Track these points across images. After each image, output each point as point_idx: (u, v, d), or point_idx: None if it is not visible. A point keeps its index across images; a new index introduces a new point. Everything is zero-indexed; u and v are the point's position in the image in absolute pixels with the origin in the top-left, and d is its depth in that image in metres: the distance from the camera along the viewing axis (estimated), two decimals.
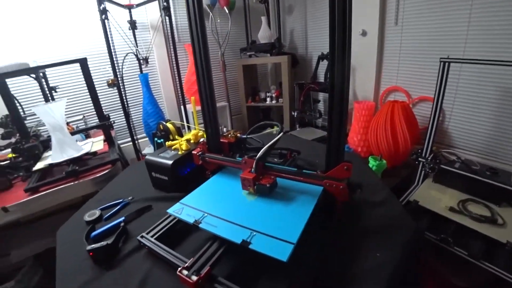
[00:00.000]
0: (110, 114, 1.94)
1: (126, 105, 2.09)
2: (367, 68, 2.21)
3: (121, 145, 2.33)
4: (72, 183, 1.29)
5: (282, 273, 0.60)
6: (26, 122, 1.67)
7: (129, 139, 2.32)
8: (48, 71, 2.01)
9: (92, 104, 1.56)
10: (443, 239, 1.19)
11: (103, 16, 1.86)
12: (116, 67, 2.01)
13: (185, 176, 1.01)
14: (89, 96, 1.46)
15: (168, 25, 2.10)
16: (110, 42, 1.92)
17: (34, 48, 2.06)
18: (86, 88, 1.50)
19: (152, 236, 0.72)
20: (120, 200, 0.99)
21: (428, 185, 1.55)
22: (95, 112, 1.61)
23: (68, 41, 2.15)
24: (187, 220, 0.69)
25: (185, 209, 0.74)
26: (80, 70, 1.45)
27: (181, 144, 1.05)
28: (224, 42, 2.52)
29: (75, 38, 2.17)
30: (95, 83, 1.54)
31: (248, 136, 1.07)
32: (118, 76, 2.00)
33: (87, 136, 1.98)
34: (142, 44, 2.37)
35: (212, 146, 0.94)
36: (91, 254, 0.71)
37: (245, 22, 2.81)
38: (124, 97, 2.06)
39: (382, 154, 1.67)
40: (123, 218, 0.86)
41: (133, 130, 2.17)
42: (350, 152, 1.96)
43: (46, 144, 1.62)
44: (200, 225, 0.67)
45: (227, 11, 2.46)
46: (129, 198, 1.00)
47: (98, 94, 1.58)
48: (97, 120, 1.62)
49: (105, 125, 1.65)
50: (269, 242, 0.58)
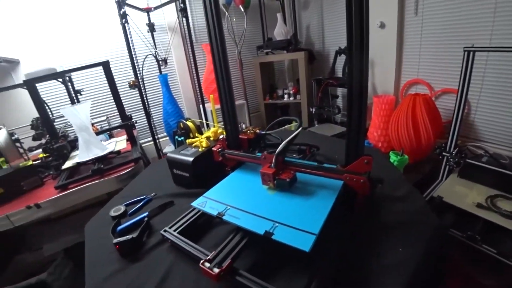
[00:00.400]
0: (132, 114, 2.01)
1: (147, 105, 2.15)
2: (387, 61, 2.15)
3: (143, 144, 2.41)
4: (98, 181, 1.35)
5: (302, 266, 0.61)
6: (55, 124, 1.75)
7: (150, 139, 2.39)
8: (73, 75, 2.10)
9: (115, 105, 1.62)
10: (470, 237, 1.15)
11: (123, 20, 1.91)
12: (137, 69, 2.08)
13: (205, 173, 1.02)
14: (112, 98, 1.53)
15: (186, 26, 2.13)
16: (131, 45, 1.98)
17: (60, 54, 2.17)
18: (109, 90, 1.56)
19: (175, 230, 0.74)
20: (143, 197, 1.02)
21: (453, 181, 1.50)
22: (118, 113, 1.66)
23: (91, 46, 2.26)
24: (211, 213, 0.71)
25: (209, 202, 0.76)
26: (102, 73, 1.51)
27: (201, 142, 1.07)
28: (241, 41, 2.53)
29: (97, 43, 2.27)
30: (117, 84, 1.59)
31: (267, 132, 1.07)
32: (139, 78, 2.06)
33: (111, 136, 2.05)
34: (161, 46, 2.43)
35: (232, 143, 0.95)
36: (118, 247, 0.74)
37: (261, 20, 2.81)
38: (145, 98, 2.12)
39: (404, 149, 1.63)
40: (147, 213, 0.88)
41: (154, 130, 2.23)
42: (370, 147, 1.93)
43: (73, 144, 1.70)
44: (224, 217, 0.68)
45: (243, 10, 2.47)
46: (152, 194, 1.03)
47: (121, 95, 1.63)
48: (120, 121, 1.68)
49: (128, 125, 1.70)
50: (291, 233, 0.59)
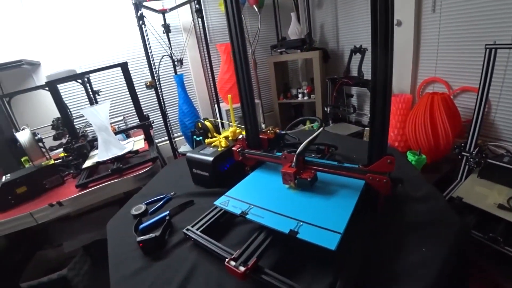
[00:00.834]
0: (149, 114, 2.04)
1: (163, 106, 2.19)
2: (403, 60, 2.12)
3: (158, 144, 2.45)
4: (117, 180, 1.38)
5: (326, 265, 0.61)
6: (75, 124, 1.80)
7: (165, 138, 2.44)
8: (91, 76, 2.16)
9: (133, 105, 1.65)
10: (492, 238, 1.13)
11: (141, 22, 1.95)
12: (153, 69, 2.11)
13: (225, 172, 1.04)
14: (128, 98, 1.57)
15: (201, 27, 2.16)
16: (148, 46, 2.02)
17: (78, 55, 2.23)
18: (126, 91, 1.60)
19: (198, 229, 0.75)
20: (163, 196, 1.03)
21: (473, 181, 1.47)
22: (136, 113, 1.70)
23: (107, 47, 2.31)
24: (234, 211, 0.72)
25: (231, 201, 0.77)
26: (119, 74, 1.55)
27: (221, 141, 1.09)
28: (255, 40, 2.55)
29: (113, 44, 2.32)
30: (134, 85, 1.62)
31: (287, 132, 1.08)
32: (156, 78, 2.10)
33: (128, 136, 2.10)
34: (176, 46, 2.47)
35: (252, 142, 0.97)
36: (141, 245, 0.76)
37: (275, 19, 2.81)
38: (161, 98, 2.16)
39: (421, 149, 1.61)
40: (168, 212, 0.90)
41: (170, 130, 2.27)
42: (391, 147, 1.91)
43: (92, 144, 1.75)
44: (247, 216, 0.69)
45: (256, 9, 2.48)
46: (171, 194, 1.05)
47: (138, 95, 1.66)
48: (136, 121, 1.71)
49: (145, 125, 1.74)
50: (316, 232, 0.59)
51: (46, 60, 2.14)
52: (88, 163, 1.54)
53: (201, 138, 1.36)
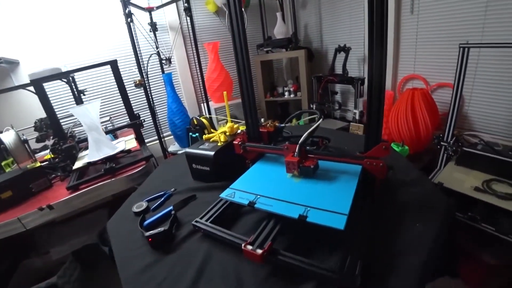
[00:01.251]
0: (139, 113, 2.03)
1: (153, 104, 2.18)
2: None
3: (148, 144, 2.42)
4: (110, 180, 1.36)
5: (334, 246, 0.66)
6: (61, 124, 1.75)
7: (154, 138, 2.42)
8: (76, 75, 2.10)
9: (120, 104, 1.63)
10: (471, 217, 1.24)
11: (129, 20, 1.94)
12: (142, 68, 2.10)
13: (225, 166, 1.06)
14: (114, 98, 1.55)
15: (190, 26, 2.17)
16: (136, 44, 2.01)
17: (60, 54, 2.16)
18: (111, 90, 1.57)
19: (207, 220, 0.78)
20: (164, 192, 1.05)
21: (451, 168, 1.59)
22: (126, 112, 1.68)
23: (91, 45, 2.25)
24: (242, 202, 0.74)
25: (237, 193, 0.79)
26: (105, 73, 1.52)
27: (220, 136, 1.12)
28: None
29: (97, 42, 2.27)
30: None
31: (285, 125, 1.13)
32: (144, 77, 2.09)
33: (115, 137, 2.05)
34: (163, 45, 2.47)
35: (252, 136, 1.01)
36: (150, 240, 0.76)
37: (261, 19, 2.86)
38: (150, 97, 2.15)
39: (404, 141, 1.72)
40: (171, 207, 0.91)
41: (160, 129, 2.26)
42: None
43: (80, 145, 1.71)
44: (256, 205, 0.72)
45: (243, 9, 2.52)
46: (172, 190, 1.06)
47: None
48: (123, 121, 1.68)
49: (136, 124, 1.73)
50: (324, 215, 0.64)
51: (26, 59, 2.06)
52: (79, 164, 1.51)
53: (198, 135, 1.39)
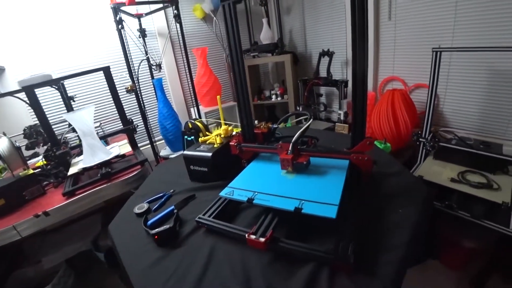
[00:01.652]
0: (132, 119, 2.05)
1: (144, 109, 2.22)
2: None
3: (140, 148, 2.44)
4: (105, 185, 1.38)
5: (327, 233, 0.73)
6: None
7: (146, 143, 2.44)
8: (66, 81, 2.09)
9: (111, 110, 1.65)
10: (448, 205, 1.36)
11: (120, 26, 1.97)
12: (133, 74, 2.14)
13: (222, 166, 1.12)
14: (104, 104, 1.57)
15: (179, 32, 2.22)
16: (127, 50, 2.04)
17: (47, 60, 2.14)
18: (101, 96, 1.59)
19: (209, 217, 0.84)
20: (163, 193, 1.09)
21: (430, 162, 1.72)
22: (119, 117, 1.71)
23: (80, 52, 2.26)
24: (241, 199, 0.81)
25: (236, 191, 0.85)
26: (95, 79, 1.53)
27: (216, 138, 1.18)
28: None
29: (86, 48, 2.28)
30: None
31: (277, 127, 1.20)
32: (135, 82, 2.12)
33: (106, 143, 2.06)
34: (152, 51, 2.50)
35: (247, 137, 1.08)
36: (156, 237, 0.80)
37: (247, 25, 2.94)
38: (142, 102, 2.18)
39: (386, 139, 1.83)
40: (173, 207, 0.96)
41: (151, 133, 2.30)
42: None
43: (72, 151, 1.72)
44: (254, 201, 0.78)
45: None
46: (171, 191, 1.10)
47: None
48: (113, 127, 1.70)
49: (129, 129, 1.76)
50: (317, 206, 0.71)
51: (12, 65, 2.03)
52: (74, 170, 1.52)
53: (193, 138, 1.44)
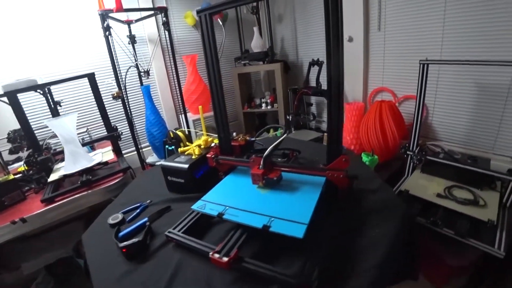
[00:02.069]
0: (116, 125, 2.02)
1: (131, 116, 2.18)
2: (355, 72, 2.36)
3: (125, 155, 2.41)
4: (86, 192, 1.36)
5: (297, 253, 0.70)
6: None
7: (132, 149, 2.41)
8: (52, 86, 2.07)
9: (98, 116, 1.63)
10: (433, 222, 1.32)
11: (107, 33, 1.95)
12: (120, 80, 2.11)
13: (199, 178, 1.10)
14: (91, 109, 1.54)
15: (168, 39, 2.21)
16: (114, 57, 2.02)
17: (36, 64, 2.13)
18: (88, 101, 1.57)
19: (179, 231, 0.81)
20: (139, 204, 1.06)
21: (417, 176, 1.70)
22: (104, 124, 1.68)
23: (69, 57, 2.24)
24: (211, 213, 0.78)
25: (208, 205, 0.83)
26: (82, 84, 1.52)
27: (194, 149, 1.15)
28: (219, 52, 2.65)
29: (76, 54, 2.26)
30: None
31: (256, 139, 1.17)
32: (122, 89, 2.10)
33: (92, 148, 2.04)
34: (142, 57, 2.48)
35: (224, 149, 1.05)
36: (124, 251, 0.78)
37: (238, 33, 2.94)
38: (128, 109, 2.15)
39: (374, 150, 1.81)
40: (146, 219, 0.93)
41: (138, 140, 2.26)
42: (344, 150, 2.09)
43: (55, 157, 1.69)
44: (224, 216, 0.76)
45: (221, 23, 2.60)
46: (148, 202, 1.08)
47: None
48: (101, 132, 1.68)
49: (114, 136, 1.73)
50: (286, 225, 0.68)
51: (0, 69, 2.01)
52: (55, 176, 1.48)
53: (174, 147, 1.41)
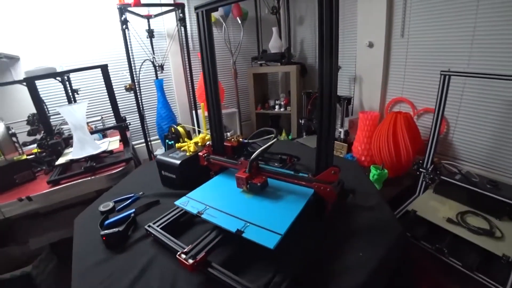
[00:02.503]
0: (126, 116, 2.06)
1: (142, 109, 2.21)
2: (374, 79, 2.25)
3: (135, 146, 2.45)
4: (89, 178, 1.40)
5: (270, 263, 0.67)
6: (51, 121, 1.79)
7: (142, 140, 2.44)
8: (72, 75, 2.16)
9: (111, 106, 1.67)
10: (438, 249, 1.21)
11: (124, 26, 1.98)
12: (134, 73, 2.14)
13: (191, 175, 1.07)
14: (107, 99, 1.57)
15: (183, 35, 2.21)
16: (129, 50, 2.05)
17: (59, 53, 2.23)
18: (105, 92, 1.62)
19: (158, 226, 0.81)
20: (132, 195, 1.07)
21: (429, 196, 1.58)
22: (113, 114, 1.71)
23: (89, 47, 2.32)
24: (191, 211, 0.77)
25: (190, 202, 0.82)
26: (99, 74, 1.57)
27: (189, 146, 1.13)
28: (236, 51, 2.62)
29: (95, 45, 2.34)
30: (114, 87, 1.64)
31: (251, 141, 1.13)
32: (135, 82, 2.12)
33: (104, 136, 2.10)
34: (159, 52, 2.51)
35: (217, 149, 1.02)
36: (104, 239, 0.80)
37: (257, 32, 2.90)
38: (140, 101, 2.18)
39: (384, 164, 1.71)
40: (133, 210, 0.94)
41: (147, 132, 2.29)
42: (353, 161, 2.00)
43: (67, 142, 1.75)
44: (202, 216, 0.75)
45: (240, 22, 2.57)
46: (140, 193, 1.09)
47: (116, 97, 1.69)
48: (114, 121, 1.73)
49: (121, 126, 1.75)
50: (260, 232, 0.65)
51: (26, 55, 2.12)
52: (62, 160, 1.53)
53: (173, 142, 1.40)
